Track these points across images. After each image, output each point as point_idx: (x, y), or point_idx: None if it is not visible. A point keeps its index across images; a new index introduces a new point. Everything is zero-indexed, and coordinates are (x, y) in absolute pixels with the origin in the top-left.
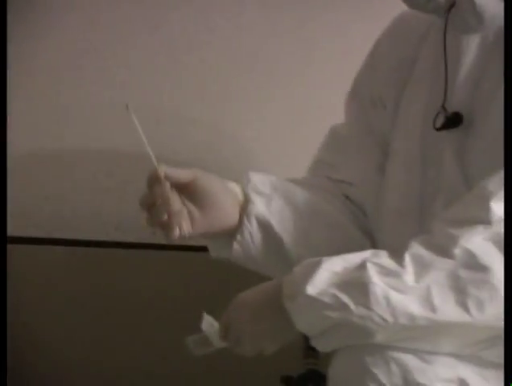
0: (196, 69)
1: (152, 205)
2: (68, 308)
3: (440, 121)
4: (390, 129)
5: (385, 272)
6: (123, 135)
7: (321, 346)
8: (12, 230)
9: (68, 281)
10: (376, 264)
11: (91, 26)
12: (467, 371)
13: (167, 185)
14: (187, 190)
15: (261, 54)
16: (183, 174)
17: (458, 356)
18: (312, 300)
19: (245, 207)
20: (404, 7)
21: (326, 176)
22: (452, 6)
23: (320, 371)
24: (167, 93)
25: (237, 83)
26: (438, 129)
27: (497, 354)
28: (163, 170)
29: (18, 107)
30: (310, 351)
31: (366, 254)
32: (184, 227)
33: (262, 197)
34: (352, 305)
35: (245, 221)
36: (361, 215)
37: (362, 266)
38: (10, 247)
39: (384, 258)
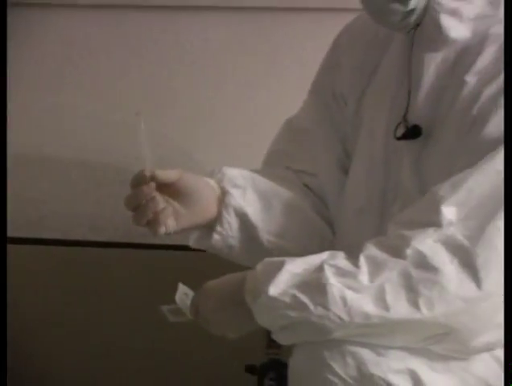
0: (167, 81)
1: (138, 205)
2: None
3: (401, 132)
4: (350, 127)
5: (341, 272)
6: (98, 142)
7: (281, 340)
8: None
9: (45, 277)
10: (333, 265)
11: (70, 41)
12: (417, 363)
13: (153, 185)
14: (172, 189)
15: (228, 66)
16: (169, 175)
17: (409, 349)
18: (274, 300)
19: (222, 199)
20: None
21: (285, 166)
22: (417, 25)
23: (281, 360)
24: (138, 104)
25: (205, 93)
26: (398, 139)
27: (445, 347)
28: (148, 171)
29: None
30: (272, 341)
31: (324, 256)
32: (169, 223)
33: (237, 189)
34: (311, 306)
35: (224, 212)
36: (322, 205)
37: (320, 268)
38: None
39: (340, 259)
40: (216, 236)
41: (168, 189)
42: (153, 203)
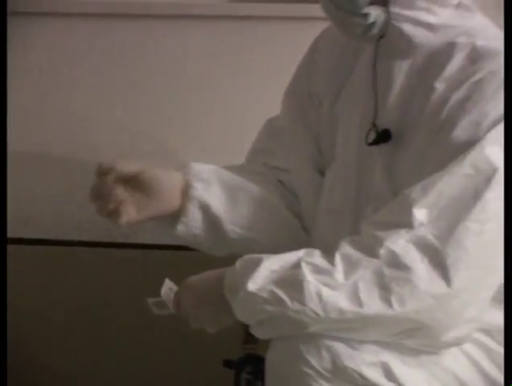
0: (147, 85)
1: (100, 195)
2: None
3: (372, 137)
4: (324, 126)
5: (317, 270)
6: (81, 146)
7: (259, 334)
8: None
9: (31, 276)
10: (309, 263)
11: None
12: (389, 357)
13: (112, 176)
14: (134, 182)
15: (205, 72)
16: (128, 167)
17: (382, 343)
18: (252, 295)
19: (186, 191)
20: None
21: (263, 163)
22: (381, 36)
23: (258, 354)
24: (120, 107)
25: (183, 98)
26: (369, 144)
27: (417, 342)
28: (109, 163)
29: None
30: (249, 336)
31: (301, 253)
32: (131, 214)
33: (201, 182)
34: (288, 301)
35: (188, 204)
36: (293, 198)
37: (297, 265)
38: None
39: (317, 257)
40: (180, 227)
41: (132, 181)
42: (113, 194)
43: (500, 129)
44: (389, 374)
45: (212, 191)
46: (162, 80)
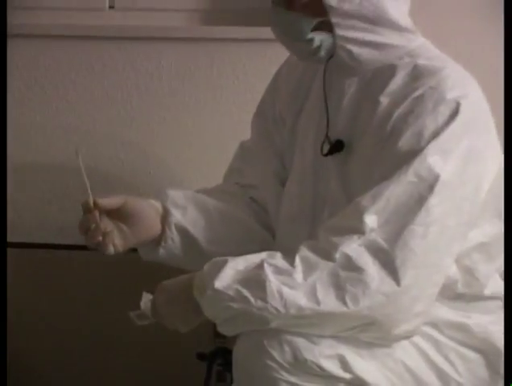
0: (125, 103)
1: (88, 229)
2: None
3: (326, 148)
4: (287, 144)
5: (279, 271)
6: (66, 157)
7: (225, 331)
8: None
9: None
10: (272, 264)
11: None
12: (345, 350)
13: (97, 212)
14: (118, 213)
15: (179, 89)
16: (110, 202)
17: (339, 338)
18: (219, 293)
19: (165, 218)
20: None
21: (236, 182)
22: (331, 56)
23: (227, 348)
24: (101, 121)
25: (158, 113)
26: (325, 155)
27: (370, 336)
28: (91, 200)
29: None
30: (219, 331)
31: (264, 255)
32: (117, 243)
33: (178, 208)
34: (252, 299)
35: (167, 229)
36: (263, 213)
37: (260, 266)
38: None
39: (278, 259)
40: (161, 250)
41: (116, 213)
42: (98, 228)
43: (440, 139)
44: (345, 365)
45: (189, 215)
46: (139, 96)
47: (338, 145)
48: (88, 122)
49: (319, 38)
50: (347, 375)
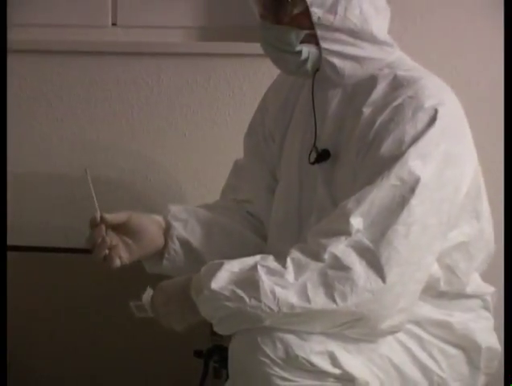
0: (127, 115)
1: (95, 244)
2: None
3: (313, 157)
4: (276, 158)
5: (271, 272)
6: (71, 166)
7: (220, 330)
8: None
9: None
10: (264, 266)
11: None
12: (334, 346)
13: (103, 227)
14: (124, 228)
15: (178, 103)
16: (116, 217)
17: (328, 334)
18: (215, 293)
19: (167, 231)
20: None
21: (232, 198)
22: (317, 70)
23: (223, 345)
24: (104, 131)
25: (158, 124)
26: (312, 163)
27: (357, 331)
28: (99, 215)
29: None
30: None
31: (257, 258)
32: (123, 256)
33: (179, 222)
34: (246, 298)
35: (169, 242)
36: (259, 225)
37: (254, 267)
38: None
39: (271, 261)
40: (165, 262)
41: (121, 228)
42: (105, 242)
43: (420, 144)
44: (334, 361)
45: (189, 228)
46: (140, 108)
47: (324, 154)
48: (91, 132)
49: (306, 50)
50: (336, 371)
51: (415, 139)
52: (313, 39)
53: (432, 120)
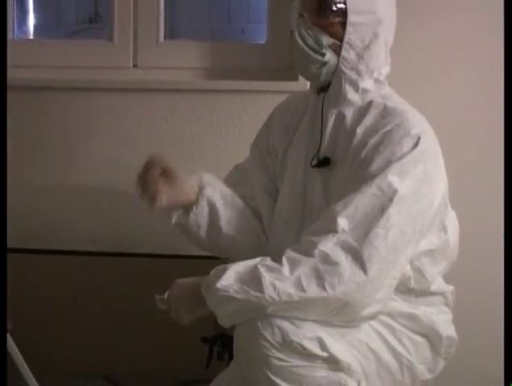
0: (143, 143)
1: (145, 181)
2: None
3: (315, 162)
4: (278, 169)
5: (270, 269)
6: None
7: (224, 322)
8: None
9: (56, 283)
10: (264, 265)
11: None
12: (322, 332)
13: (158, 170)
14: (168, 174)
15: (188, 131)
16: (167, 163)
17: (317, 322)
18: (224, 289)
19: (200, 190)
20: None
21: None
22: (328, 86)
23: (226, 333)
24: (127, 155)
25: (172, 150)
26: (313, 167)
27: (341, 319)
28: (155, 157)
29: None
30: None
31: (257, 260)
32: (163, 201)
33: (210, 186)
34: (251, 291)
35: (200, 199)
36: (258, 214)
37: (255, 267)
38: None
39: (269, 261)
40: (192, 215)
41: (166, 174)
42: (155, 184)
43: (401, 162)
44: (322, 346)
45: (217, 194)
46: (156, 136)
47: (325, 161)
48: (116, 153)
49: (329, 55)
50: (324, 354)
51: (399, 158)
52: (338, 49)
53: (415, 145)
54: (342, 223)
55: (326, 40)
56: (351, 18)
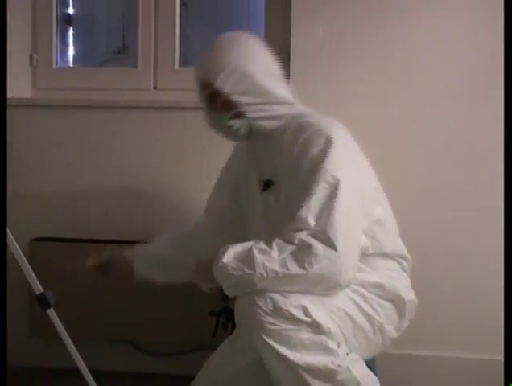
0: (161, 153)
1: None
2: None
3: (262, 187)
4: (243, 193)
5: (262, 251)
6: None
7: (227, 293)
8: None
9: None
10: (257, 247)
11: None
12: (306, 301)
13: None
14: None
15: (198, 141)
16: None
17: (301, 293)
18: (224, 266)
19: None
20: None
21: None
22: (250, 132)
23: (229, 307)
24: (142, 164)
25: (184, 157)
26: (262, 192)
27: (320, 289)
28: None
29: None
30: (224, 295)
31: (252, 243)
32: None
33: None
34: (245, 268)
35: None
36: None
37: (250, 249)
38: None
39: (262, 244)
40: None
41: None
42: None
43: (331, 156)
44: (306, 312)
45: (145, 246)
46: (171, 146)
47: (269, 183)
48: (136, 161)
49: (236, 123)
50: (307, 319)
51: (326, 154)
52: (242, 113)
53: (331, 141)
54: (310, 221)
55: (226, 117)
56: (227, 89)
